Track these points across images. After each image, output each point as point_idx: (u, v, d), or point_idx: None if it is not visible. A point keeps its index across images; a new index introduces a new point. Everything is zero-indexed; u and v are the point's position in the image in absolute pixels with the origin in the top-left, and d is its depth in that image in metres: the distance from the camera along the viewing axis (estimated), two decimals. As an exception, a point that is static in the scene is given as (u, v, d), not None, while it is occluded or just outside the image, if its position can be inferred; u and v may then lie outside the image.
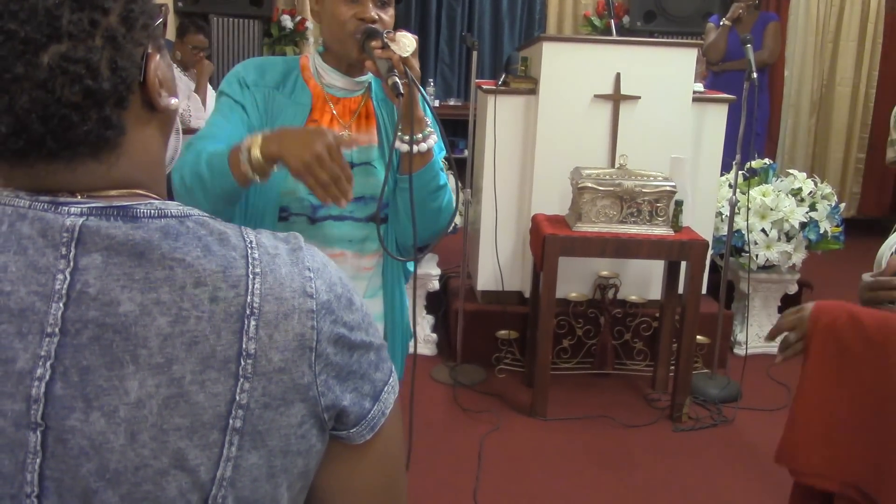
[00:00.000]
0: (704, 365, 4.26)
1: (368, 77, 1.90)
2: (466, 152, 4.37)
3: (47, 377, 0.71)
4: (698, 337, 3.96)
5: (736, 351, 4.54)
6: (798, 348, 1.80)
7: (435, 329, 4.52)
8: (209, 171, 1.64)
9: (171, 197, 0.87)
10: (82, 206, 0.75)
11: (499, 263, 4.22)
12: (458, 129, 6.81)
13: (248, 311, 0.76)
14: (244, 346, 0.75)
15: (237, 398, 0.75)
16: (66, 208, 0.75)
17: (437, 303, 4.70)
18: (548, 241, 3.59)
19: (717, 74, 5.97)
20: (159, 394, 0.72)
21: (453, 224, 1.97)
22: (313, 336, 0.79)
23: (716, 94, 4.44)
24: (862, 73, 7.42)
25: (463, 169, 4.34)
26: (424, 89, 1.79)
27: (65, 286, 0.73)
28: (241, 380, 0.75)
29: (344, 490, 0.89)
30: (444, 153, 1.92)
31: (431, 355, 4.37)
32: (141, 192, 0.80)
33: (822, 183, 4.64)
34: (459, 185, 3.90)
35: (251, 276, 0.77)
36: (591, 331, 4.20)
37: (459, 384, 4.04)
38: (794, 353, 1.81)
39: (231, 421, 0.75)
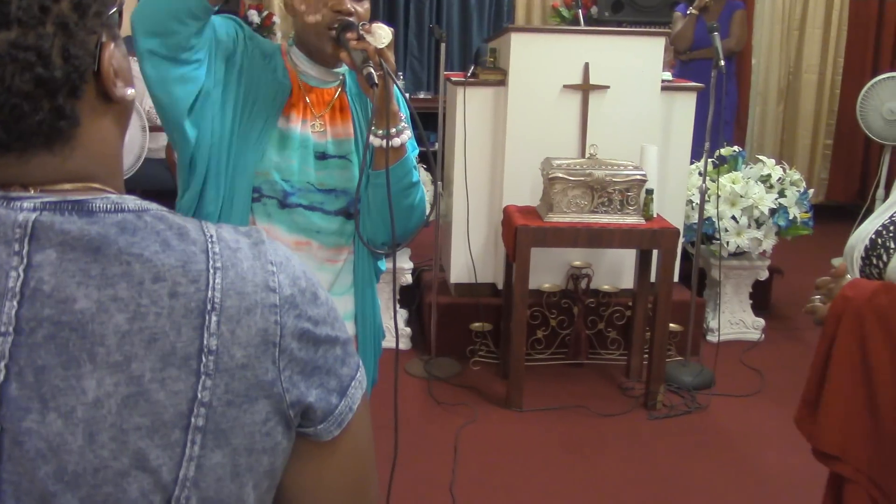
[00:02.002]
0: (678, 353, 4.28)
1: (343, 69, 1.88)
2: (437, 145, 4.36)
3: (1, 378, 0.69)
4: (671, 325, 3.97)
5: (709, 338, 4.56)
6: (819, 315, 1.82)
7: (408, 323, 4.50)
8: None
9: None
10: (35, 200, 0.73)
11: (471, 256, 4.21)
12: (428, 122, 6.80)
13: (208, 307, 0.74)
14: (205, 342, 0.73)
15: (199, 396, 0.73)
16: (19, 203, 0.73)
17: (410, 297, 4.68)
18: (520, 233, 3.59)
19: (685, 63, 5.98)
20: (118, 393, 0.70)
21: (426, 218, 1.96)
22: (277, 331, 0.78)
23: (684, 82, 4.45)
24: (828, 61, 7.48)
25: (433, 162, 4.32)
26: (398, 83, 1.77)
27: (18, 284, 0.70)
28: (203, 377, 0.73)
29: (313, 488, 0.87)
30: (416, 150, 1.91)
31: (405, 349, 4.36)
32: (96, 185, 0.78)
33: (790, 169, 4.67)
34: (429, 178, 3.89)
35: (212, 271, 0.75)
36: (565, 321, 4.21)
37: (434, 377, 4.03)
38: (816, 320, 1.84)
39: (193, 419, 0.73)
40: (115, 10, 0.79)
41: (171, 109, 1.67)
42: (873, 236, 1.79)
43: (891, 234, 1.76)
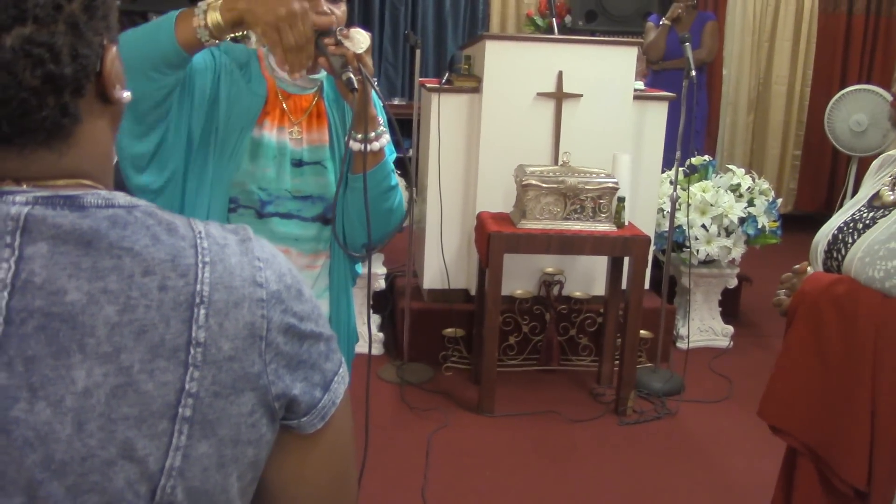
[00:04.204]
0: (648, 359, 4.32)
1: (321, 75, 1.87)
2: (411, 151, 4.38)
3: None
4: (642, 331, 4.01)
5: (679, 345, 4.62)
6: (784, 307, 1.92)
7: (381, 328, 4.52)
8: (151, 26, 1.58)
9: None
10: (28, 194, 0.74)
11: (444, 262, 4.23)
12: (403, 129, 6.82)
13: (197, 300, 0.76)
14: (194, 334, 0.75)
15: (186, 387, 0.74)
16: (11, 197, 0.74)
17: (383, 302, 4.69)
18: (493, 239, 3.62)
19: (657, 73, 6.06)
20: (107, 383, 0.71)
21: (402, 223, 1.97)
22: (263, 325, 0.79)
23: (656, 91, 4.51)
24: (797, 72, 7.60)
25: (408, 167, 4.34)
26: (377, 88, 1.77)
27: (9, 275, 0.71)
28: (191, 368, 0.75)
29: (295, 480, 0.89)
30: (395, 154, 1.92)
31: (378, 355, 4.37)
32: (88, 182, 0.79)
33: (759, 179, 4.74)
34: (405, 184, 3.91)
35: (200, 266, 0.77)
36: (537, 327, 4.24)
37: (407, 383, 4.04)
38: (781, 312, 1.94)
39: (180, 410, 0.74)
40: (114, 14, 0.81)
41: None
42: (835, 232, 1.87)
43: (850, 231, 1.83)
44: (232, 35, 1.63)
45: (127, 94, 0.83)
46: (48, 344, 0.71)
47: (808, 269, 1.95)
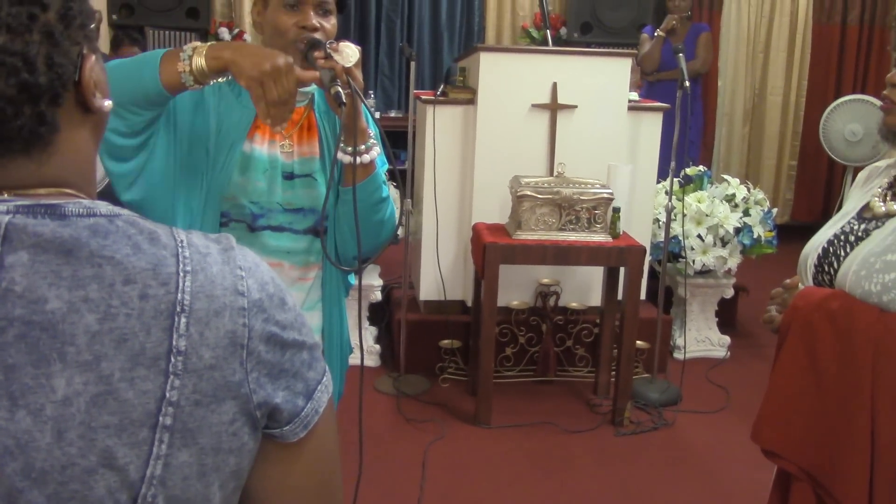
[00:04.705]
0: (645, 369, 4.32)
1: (312, 88, 1.88)
2: (407, 163, 4.38)
3: None
4: (638, 342, 4.01)
5: (675, 355, 4.61)
6: (775, 324, 1.88)
7: (378, 340, 4.51)
8: (135, 63, 1.59)
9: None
10: (8, 203, 0.75)
11: (441, 273, 4.23)
12: (399, 141, 6.83)
13: (178, 309, 0.76)
14: (174, 343, 0.75)
15: (167, 395, 0.74)
16: None
17: (379, 314, 4.69)
18: (488, 250, 3.62)
19: (652, 84, 6.08)
20: (87, 391, 0.72)
21: (395, 235, 1.96)
22: (245, 333, 0.79)
23: (651, 102, 4.51)
24: (792, 83, 7.62)
25: (404, 179, 4.36)
26: (366, 101, 1.77)
27: None
28: (172, 377, 0.75)
29: (278, 490, 0.88)
30: (386, 166, 1.92)
31: (375, 366, 4.36)
32: (70, 191, 0.80)
33: (754, 189, 4.74)
34: (398, 195, 3.91)
35: (182, 274, 0.77)
36: (534, 338, 4.24)
37: (403, 394, 4.04)
38: (772, 329, 1.89)
39: (161, 418, 0.74)
40: (94, 24, 0.81)
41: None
42: (825, 245, 1.83)
43: (841, 243, 1.79)
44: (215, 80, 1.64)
45: (108, 103, 0.83)
46: (28, 352, 0.71)
47: (800, 283, 1.91)
